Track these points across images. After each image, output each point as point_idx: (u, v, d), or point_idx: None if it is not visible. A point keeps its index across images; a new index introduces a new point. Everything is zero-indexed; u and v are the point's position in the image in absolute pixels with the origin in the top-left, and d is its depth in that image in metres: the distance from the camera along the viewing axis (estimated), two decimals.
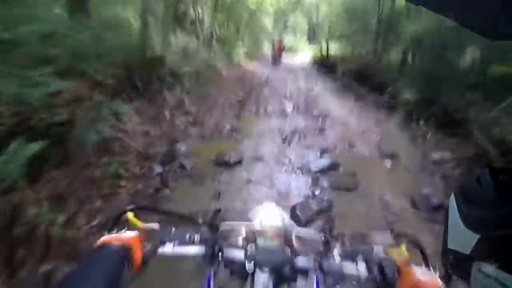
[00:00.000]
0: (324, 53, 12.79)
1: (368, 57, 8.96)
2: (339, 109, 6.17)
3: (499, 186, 0.36)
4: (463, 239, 0.38)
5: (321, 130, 4.67)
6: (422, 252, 0.64)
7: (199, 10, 8.39)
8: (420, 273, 0.54)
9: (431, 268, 0.57)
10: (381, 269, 0.58)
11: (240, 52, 10.51)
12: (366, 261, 0.61)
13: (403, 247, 0.64)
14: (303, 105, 6.14)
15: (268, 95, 6.72)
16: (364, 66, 8.49)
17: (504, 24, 0.44)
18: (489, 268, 0.34)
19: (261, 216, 0.74)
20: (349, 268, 0.61)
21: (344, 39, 10.75)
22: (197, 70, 5.82)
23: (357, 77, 8.46)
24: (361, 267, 0.61)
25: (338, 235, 0.73)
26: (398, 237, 0.73)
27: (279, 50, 11.62)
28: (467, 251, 0.37)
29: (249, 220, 0.74)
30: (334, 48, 12.50)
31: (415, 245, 0.66)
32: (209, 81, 6.29)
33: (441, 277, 0.52)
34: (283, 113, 5.53)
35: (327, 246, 0.68)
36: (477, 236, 0.36)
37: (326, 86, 8.67)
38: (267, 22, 15.30)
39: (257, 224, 0.71)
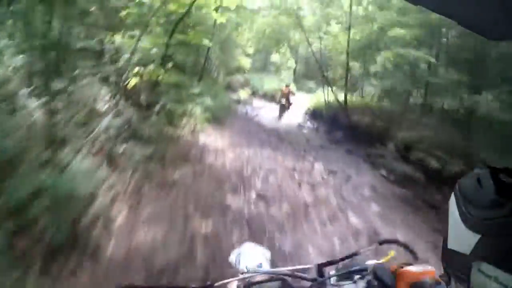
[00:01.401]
0: (334, 100, 8.27)
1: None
2: None
3: (499, 186, 0.35)
4: (464, 239, 0.37)
5: None
6: (411, 251, 0.69)
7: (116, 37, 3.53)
8: (414, 268, 0.55)
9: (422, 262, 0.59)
10: (377, 278, 0.57)
11: (197, 110, 5.46)
12: (362, 276, 0.62)
13: (392, 253, 0.67)
14: None
15: None
16: None
17: (504, 24, 0.43)
18: (489, 268, 0.33)
19: (247, 261, 0.73)
20: (348, 287, 0.62)
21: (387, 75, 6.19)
22: None
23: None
24: (359, 284, 0.61)
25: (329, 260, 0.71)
26: (383, 244, 0.72)
27: (287, 100, 8.74)
28: (467, 251, 0.36)
29: (234, 266, 0.73)
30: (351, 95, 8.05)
31: (403, 246, 0.69)
32: None
33: (441, 276, 0.51)
34: None
35: (322, 273, 0.69)
36: (477, 236, 0.35)
37: (396, 217, 3.60)
38: (243, 59, 10.94)
39: (248, 274, 0.69)
